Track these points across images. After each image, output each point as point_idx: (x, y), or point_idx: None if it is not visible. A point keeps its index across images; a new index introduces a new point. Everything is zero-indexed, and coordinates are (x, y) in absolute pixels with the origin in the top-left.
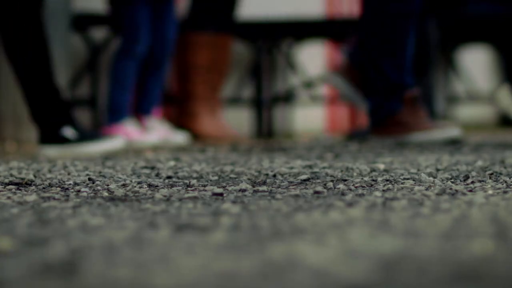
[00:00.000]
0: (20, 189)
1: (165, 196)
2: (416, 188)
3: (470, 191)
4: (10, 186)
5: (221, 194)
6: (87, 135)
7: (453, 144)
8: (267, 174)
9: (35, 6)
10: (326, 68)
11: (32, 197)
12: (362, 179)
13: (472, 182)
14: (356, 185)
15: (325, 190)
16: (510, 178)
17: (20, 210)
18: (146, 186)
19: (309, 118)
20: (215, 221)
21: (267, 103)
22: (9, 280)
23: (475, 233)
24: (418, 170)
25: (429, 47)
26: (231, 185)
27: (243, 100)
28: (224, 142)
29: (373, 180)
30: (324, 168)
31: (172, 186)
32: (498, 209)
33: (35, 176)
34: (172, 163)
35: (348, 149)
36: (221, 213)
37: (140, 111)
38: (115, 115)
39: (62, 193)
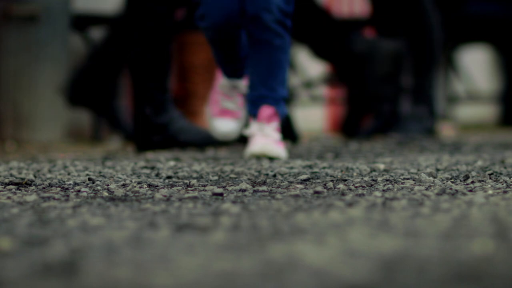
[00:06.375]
0: (20, 189)
1: (165, 196)
2: (416, 188)
3: (470, 191)
4: (10, 186)
5: (221, 194)
6: None
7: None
8: (267, 174)
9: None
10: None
11: (32, 197)
12: (362, 179)
13: (472, 182)
14: (356, 185)
15: (325, 190)
16: (510, 178)
17: (20, 210)
18: (146, 186)
19: (309, 118)
20: (215, 221)
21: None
22: (9, 280)
23: (475, 233)
24: (418, 170)
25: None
26: (231, 185)
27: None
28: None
29: (373, 180)
30: (324, 168)
31: (172, 186)
32: (498, 209)
33: (35, 176)
34: (172, 163)
35: (348, 149)
36: (221, 213)
37: None
38: None
39: (62, 193)
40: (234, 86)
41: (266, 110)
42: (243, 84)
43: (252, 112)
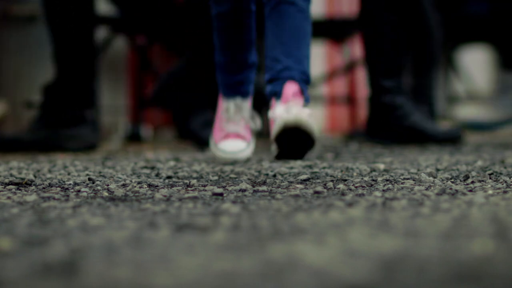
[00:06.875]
0: (20, 189)
1: (165, 196)
2: (416, 188)
3: (470, 191)
4: (10, 186)
5: (221, 194)
6: None
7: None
8: (267, 174)
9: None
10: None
11: (32, 197)
12: (362, 179)
13: (472, 182)
14: (356, 185)
15: (325, 190)
16: (510, 178)
17: (20, 210)
18: (146, 186)
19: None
20: (215, 221)
21: (266, 103)
22: (9, 280)
23: (475, 233)
24: (418, 170)
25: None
26: (231, 185)
27: None
28: None
29: (373, 180)
30: (324, 168)
31: (172, 186)
32: (498, 209)
33: (35, 176)
34: (172, 163)
35: (348, 149)
36: (221, 213)
37: None
38: None
39: (62, 193)
40: (238, 109)
41: (291, 87)
42: (247, 106)
43: (275, 89)
